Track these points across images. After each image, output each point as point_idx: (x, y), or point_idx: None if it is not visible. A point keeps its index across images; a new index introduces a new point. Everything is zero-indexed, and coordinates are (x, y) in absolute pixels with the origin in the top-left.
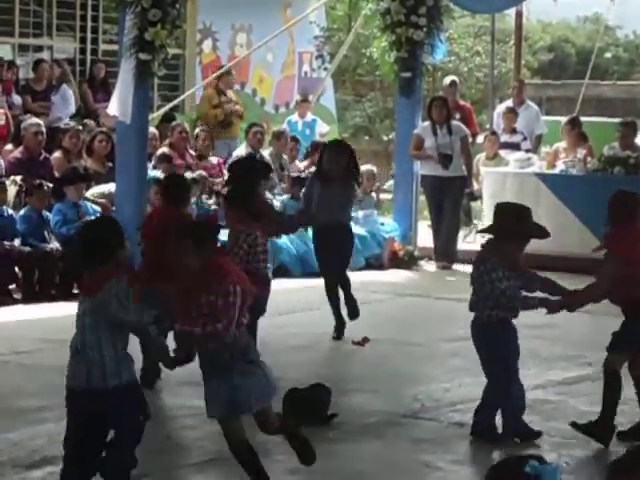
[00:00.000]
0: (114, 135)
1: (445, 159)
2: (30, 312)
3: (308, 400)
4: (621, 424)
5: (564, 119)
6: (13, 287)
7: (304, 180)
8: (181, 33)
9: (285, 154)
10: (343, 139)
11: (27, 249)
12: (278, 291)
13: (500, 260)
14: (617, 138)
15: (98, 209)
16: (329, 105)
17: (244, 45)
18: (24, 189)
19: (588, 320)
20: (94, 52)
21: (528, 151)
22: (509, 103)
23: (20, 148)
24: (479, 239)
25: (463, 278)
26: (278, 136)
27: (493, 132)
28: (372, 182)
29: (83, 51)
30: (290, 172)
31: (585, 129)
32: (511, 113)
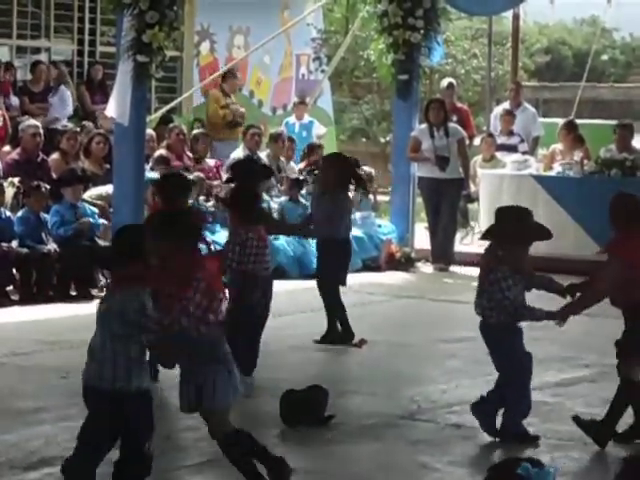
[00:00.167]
0: (112, 137)
1: (442, 161)
2: (27, 313)
3: (305, 401)
4: (618, 426)
5: (561, 121)
6: (10, 288)
7: (302, 182)
8: (179, 35)
9: (282, 156)
10: (341, 152)
11: (25, 250)
12: (275, 293)
13: (509, 267)
14: (614, 140)
15: (96, 211)
16: (326, 107)
17: (242, 47)
18: (22, 190)
19: (584, 322)
20: (92, 54)
21: (525, 153)
22: (506, 105)
23: (18, 149)
24: (476, 241)
25: (460, 280)
26: (275, 138)
27: (490, 134)
28: (370, 184)
29: (81, 53)
30: (288, 174)
31: (582, 131)
32: (508, 115)
